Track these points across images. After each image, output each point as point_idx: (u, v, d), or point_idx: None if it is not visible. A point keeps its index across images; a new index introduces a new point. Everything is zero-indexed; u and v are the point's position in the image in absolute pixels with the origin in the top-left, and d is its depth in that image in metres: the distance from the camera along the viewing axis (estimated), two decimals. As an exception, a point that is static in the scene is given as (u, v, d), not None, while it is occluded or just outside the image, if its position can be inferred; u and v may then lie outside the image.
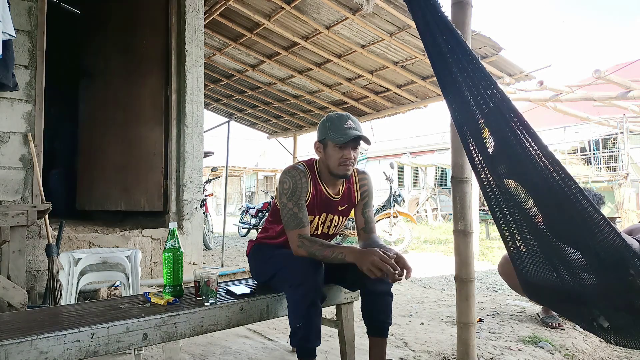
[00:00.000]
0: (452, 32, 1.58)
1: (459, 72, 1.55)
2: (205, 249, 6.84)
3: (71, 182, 4.67)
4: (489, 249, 7.49)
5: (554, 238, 1.48)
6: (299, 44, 5.86)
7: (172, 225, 1.88)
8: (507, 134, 1.46)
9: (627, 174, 10.52)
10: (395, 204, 7.54)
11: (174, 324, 1.64)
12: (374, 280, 1.85)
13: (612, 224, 1.33)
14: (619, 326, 1.55)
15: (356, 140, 1.97)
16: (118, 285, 3.44)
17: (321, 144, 2.03)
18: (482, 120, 1.53)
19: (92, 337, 1.45)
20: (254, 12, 5.34)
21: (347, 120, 1.98)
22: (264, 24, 5.51)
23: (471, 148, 1.63)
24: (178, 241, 1.86)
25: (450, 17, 1.75)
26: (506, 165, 1.53)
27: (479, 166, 1.63)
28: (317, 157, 2.11)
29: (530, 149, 1.39)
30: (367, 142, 1.96)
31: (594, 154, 12.40)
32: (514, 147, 1.44)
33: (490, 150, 1.54)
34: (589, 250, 1.43)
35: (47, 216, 3.10)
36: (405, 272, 1.75)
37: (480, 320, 3.15)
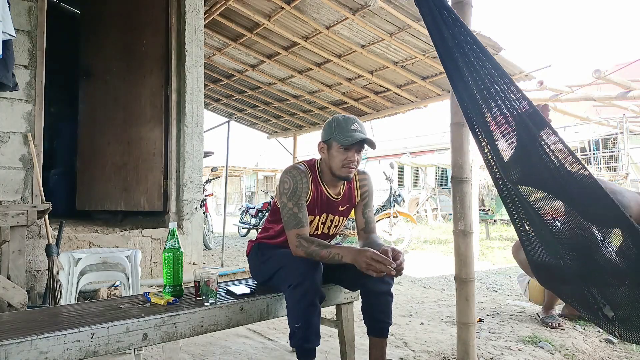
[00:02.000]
0: (460, 26, 1.58)
1: (465, 66, 1.56)
2: (205, 249, 6.84)
3: (71, 182, 4.67)
4: (489, 249, 7.49)
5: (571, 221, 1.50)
6: (299, 44, 5.86)
7: (172, 225, 1.88)
8: (517, 126, 1.46)
9: (627, 174, 10.52)
10: (395, 204, 7.54)
11: (174, 324, 1.64)
12: (374, 280, 1.85)
13: (615, 201, 1.34)
14: (624, 317, 1.55)
15: (361, 144, 1.97)
16: (118, 285, 3.44)
17: (325, 144, 2.03)
18: (492, 112, 1.53)
19: (92, 337, 1.45)
20: (254, 12, 5.34)
21: (353, 123, 1.98)
22: (264, 24, 5.51)
23: (483, 144, 1.63)
24: (178, 241, 1.86)
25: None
26: (517, 164, 1.55)
27: (492, 161, 1.64)
28: (318, 157, 2.11)
29: (542, 142, 1.40)
30: (372, 146, 1.95)
31: (594, 154, 12.39)
32: (524, 140, 1.45)
33: (499, 143, 1.55)
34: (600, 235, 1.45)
35: (47, 216, 3.09)
36: (400, 264, 1.76)
37: (480, 320, 3.15)
